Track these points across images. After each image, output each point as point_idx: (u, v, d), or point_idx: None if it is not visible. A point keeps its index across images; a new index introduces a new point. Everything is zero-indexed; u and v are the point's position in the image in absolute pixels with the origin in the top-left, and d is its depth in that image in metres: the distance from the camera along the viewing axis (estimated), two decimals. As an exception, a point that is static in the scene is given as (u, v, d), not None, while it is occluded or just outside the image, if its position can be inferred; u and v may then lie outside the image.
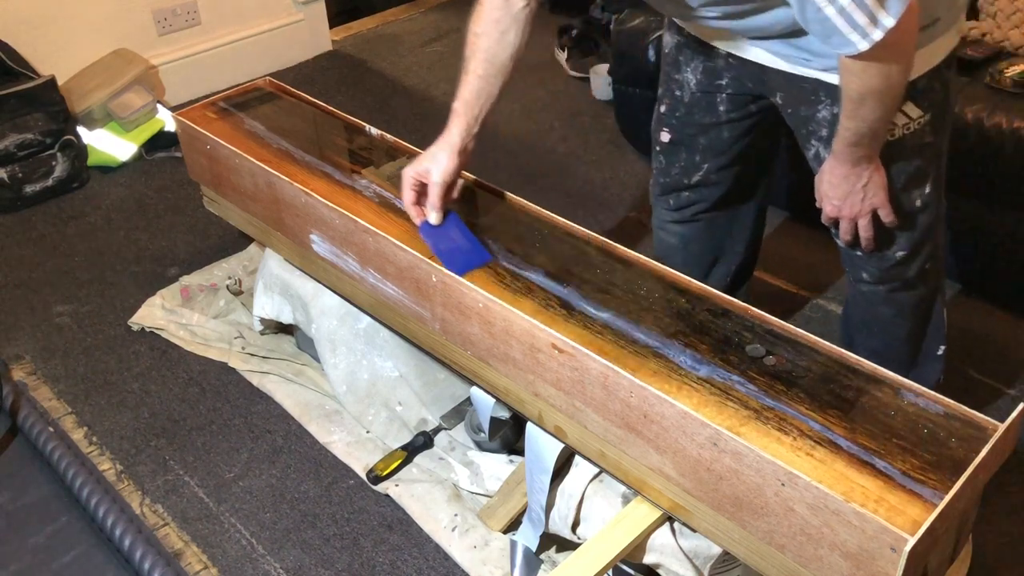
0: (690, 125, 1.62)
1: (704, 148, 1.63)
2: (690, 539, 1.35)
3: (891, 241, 1.49)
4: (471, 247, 1.51)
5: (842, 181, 1.38)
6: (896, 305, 1.60)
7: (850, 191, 1.39)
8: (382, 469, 1.77)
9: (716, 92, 1.56)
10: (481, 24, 1.46)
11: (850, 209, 1.41)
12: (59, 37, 2.89)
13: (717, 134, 1.61)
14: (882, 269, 1.53)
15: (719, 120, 1.59)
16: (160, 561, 1.58)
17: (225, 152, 1.85)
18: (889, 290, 1.57)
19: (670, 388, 1.23)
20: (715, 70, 1.54)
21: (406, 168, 1.51)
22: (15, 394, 1.95)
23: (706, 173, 1.66)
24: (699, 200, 1.71)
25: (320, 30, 3.55)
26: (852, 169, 1.36)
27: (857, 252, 1.51)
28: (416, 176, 1.49)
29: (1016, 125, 2.01)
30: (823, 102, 1.40)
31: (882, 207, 1.41)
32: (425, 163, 1.48)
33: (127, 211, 2.64)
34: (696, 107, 1.59)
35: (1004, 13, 2.29)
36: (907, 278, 1.55)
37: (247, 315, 2.16)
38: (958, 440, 1.15)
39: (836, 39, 1.14)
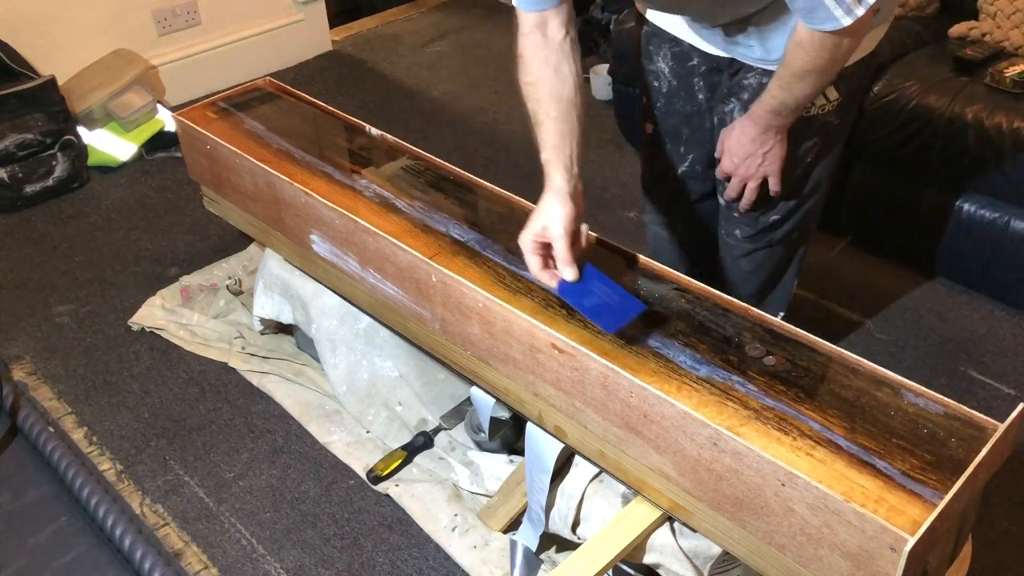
0: (672, 115, 1.64)
1: (688, 138, 1.65)
2: (690, 539, 1.35)
3: (770, 206, 1.58)
4: (620, 298, 1.33)
5: (749, 142, 1.45)
6: (755, 262, 1.69)
7: (752, 153, 1.46)
8: (382, 469, 1.77)
9: (691, 76, 1.57)
10: (533, 72, 1.38)
11: (746, 170, 1.49)
12: (59, 37, 2.89)
13: (699, 122, 1.62)
14: (755, 229, 1.63)
15: (700, 108, 1.60)
16: (160, 561, 1.58)
17: (225, 152, 1.85)
18: (753, 248, 1.66)
19: (670, 388, 1.23)
20: (684, 53, 1.57)
21: (521, 234, 1.34)
22: (15, 394, 1.95)
23: (691, 164, 1.67)
24: (686, 191, 1.72)
25: (320, 30, 3.55)
26: (761, 134, 1.43)
27: (735, 212, 1.60)
28: (535, 238, 1.32)
29: (1016, 125, 2.02)
30: (754, 71, 1.48)
31: (773, 176, 1.49)
32: (540, 220, 1.32)
33: (127, 211, 2.65)
34: (675, 96, 1.61)
35: (1004, 13, 2.29)
36: (772, 240, 1.65)
37: (247, 315, 2.16)
38: (958, 440, 1.15)
39: (821, 13, 1.21)
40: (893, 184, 2.25)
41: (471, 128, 3.01)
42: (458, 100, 3.19)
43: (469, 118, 3.07)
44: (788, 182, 1.53)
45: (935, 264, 2.28)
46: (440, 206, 1.65)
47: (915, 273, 2.31)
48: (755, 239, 1.64)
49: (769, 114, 1.40)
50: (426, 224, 1.60)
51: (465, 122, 3.04)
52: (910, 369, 2.02)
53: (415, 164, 1.80)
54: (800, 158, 1.52)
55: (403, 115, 3.11)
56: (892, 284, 2.29)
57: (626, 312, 1.31)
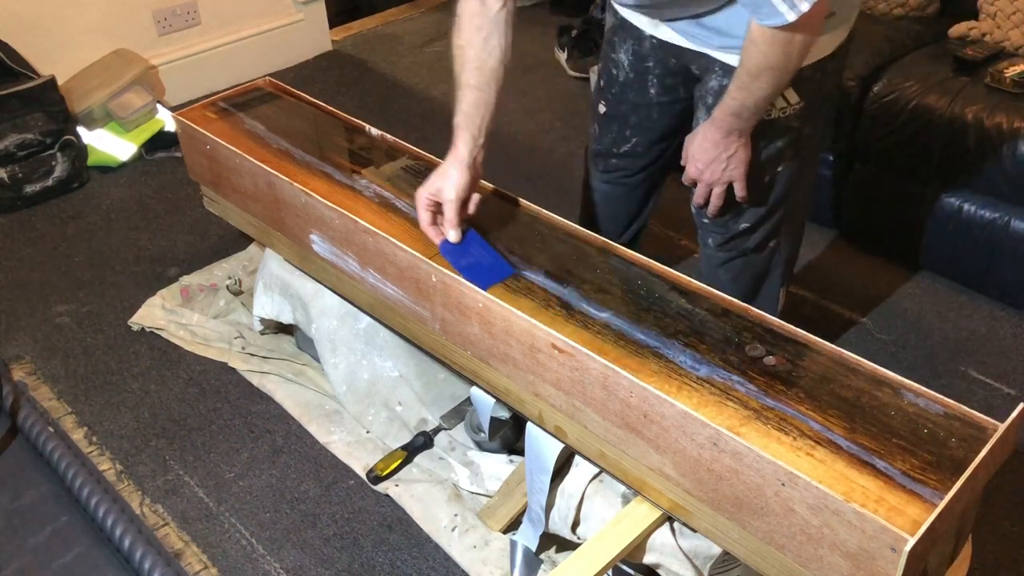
0: (623, 102, 1.70)
1: (635, 125, 1.71)
2: (690, 539, 1.35)
3: (738, 213, 1.60)
4: (493, 262, 1.48)
5: (711, 147, 1.47)
6: (732, 271, 1.70)
7: (715, 158, 1.47)
8: (382, 469, 1.77)
9: (647, 74, 1.63)
10: (463, 35, 1.45)
11: (710, 175, 1.50)
12: (59, 37, 2.89)
13: (647, 114, 1.68)
14: (725, 237, 1.64)
15: (650, 102, 1.67)
16: (160, 561, 1.58)
17: (225, 152, 1.85)
18: (728, 257, 1.68)
19: (670, 388, 1.23)
20: (643, 54, 1.62)
21: (419, 189, 1.48)
22: (15, 394, 1.95)
23: (633, 146, 1.74)
24: (624, 167, 1.79)
25: (320, 30, 3.55)
26: (723, 138, 1.45)
27: (705, 219, 1.63)
28: (429, 196, 1.46)
29: (1016, 125, 2.02)
30: (715, 73, 1.50)
31: (738, 181, 1.51)
32: (437, 182, 1.46)
33: (127, 211, 2.64)
34: (629, 87, 1.67)
35: (1004, 13, 2.29)
36: (745, 249, 1.65)
37: (247, 315, 2.16)
38: (958, 440, 1.15)
39: (766, 9, 1.23)
40: (893, 184, 2.25)
41: (471, 128, 3.01)
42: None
43: (469, 118, 3.07)
44: (754, 189, 1.54)
45: (935, 264, 2.28)
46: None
47: (915, 273, 2.31)
48: (727, 248, 1.66)
49: (730, 117, 1.41)
50: (426, 224, 1.60)
51: (465, 122, 3.04)
52: (910, 369, 2.02)
53: (415, 164, 1.80)
54: (764, 164, 1.53)
55: (403, 115, 3.11)
56: (892, 284, 2.29)
57: (497, 274, 1.46)
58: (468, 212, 1.49)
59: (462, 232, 1.47)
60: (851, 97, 2.23)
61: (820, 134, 1.60)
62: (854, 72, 2.24)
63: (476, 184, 1.48)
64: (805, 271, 2.34)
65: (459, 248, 1.48)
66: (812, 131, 1.55)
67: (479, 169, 1.47)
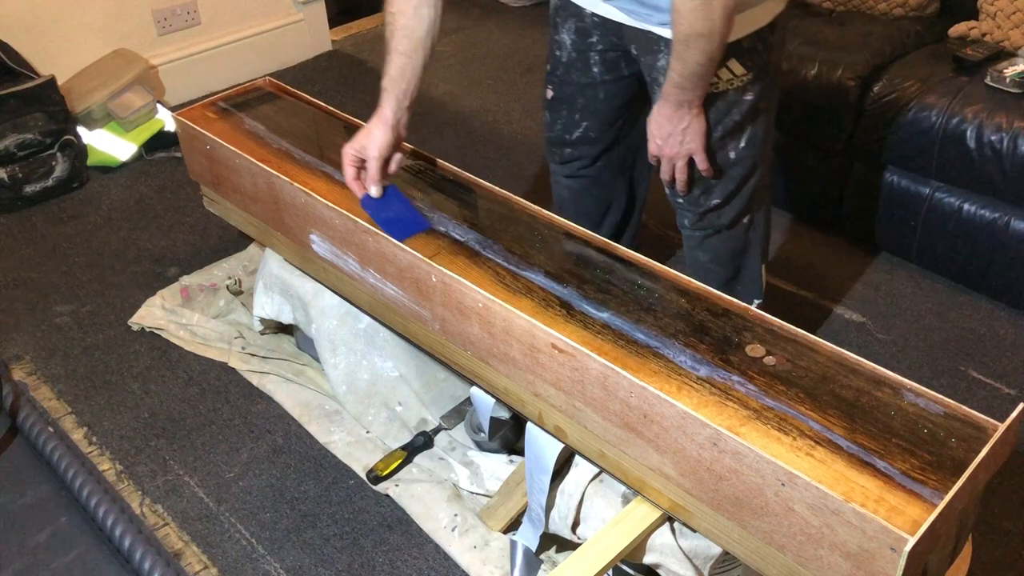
0: (569, 84, 1.72)
1: (582, 107, 1.73)
2: (690, 539, 1.35)
3: (707, 190, 1.62)
4: (410, 216, 1.59)
5: (666, 121, 1.50)
6: (710, 251, 1.72)
7: (672, 132, 1.51)
8: (382, 469, 1.77)
9: (589, 51, 1.66)
10: (396, 4, 1.54)
11: (670, 149, 1.54)
12: (59, 37, 2.89)
13: (593, 94, 1.71)
14: (698, 216, 1.67)
15: (594, 81, 1.69)
16: (160, 561, 1.58)
17: (225, 152, 1.85)
18: (704, 236, 1.70)
19: (670, 388, 1.23)
20: (586, 29, 1.64)
21: (345, 145, 1.58)
22: (15, 394, 1.95)
23: (585, 131, 1.76)
24: (581, 156, 1.81)
25: (320, 30, 3.55)
26: (675, 112, 1.48)
27: (678, 199, 1.65)
28: (354, 152, 1.57)
29: (1016, 125, 2.02)
30: (662, 51, 1.52)
31: (697, 153, 1.54)
32: (361, 140, 1.57)
33: (127, 211, 2.65)
34: (573, 67, 1.70)
35: (1004, 13, 2.29)
36: (719, 226, 1.68)
37: (247, 315, 2.16)
38: (958, 440, 1.15)
39: None
40: (893, 184, 2.25)
41: (471, 128, 3.01)
42: (458, 100, 3.19)
43: (469, 118, 3.07)
44: (719, 163, 1.58)
45: (935, 264, 2.28)
46: (440, 206, 1.66)
47: (915, 273, 2.31)
48: (702, 226, 1.69)
49: (675, 89, 1.45)
50: (426, 224, 1.60)
51: (465, 122, 3.04)
52: (910, 369, 2.02)
53: (415, 164, 1.80)
54: (724, 137, 1.57)
55: (403, 115, 3.11)
56: (892, 284, 2.29)
57: (413, 228, 1.57)
58: (390, 170, 1.60)
59: (383, 188, 1.58)
60: (851, 97, 2.23)
61: (772, 109, 1.63)
62: (854, 72, 2.24)
63: (398, 145, 1.59)
64: (805, 271, 2.34)
65: (379, 202, 1.58)
66: (765, 104, 1.58)
67: (402, 131, 1.59)
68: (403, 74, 1.55)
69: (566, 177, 1.87)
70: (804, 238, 2.46)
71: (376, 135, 1.56)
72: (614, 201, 1.89)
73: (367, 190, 1.58)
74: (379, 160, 1.56)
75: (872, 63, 2.27)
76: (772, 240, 2.44)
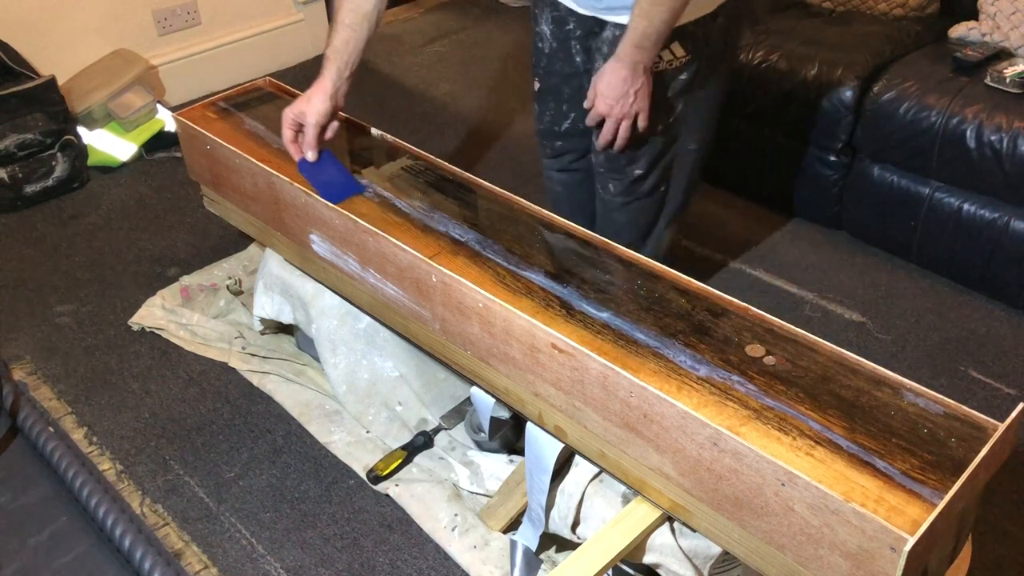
0: (554, 74, 1.78)
1: (569, 97, 1.79)
2: (690, 539, 1.35)
3: (632, 160, 1.70)
4: (345, 180, 1.69)
5: (620, 83, 1.55)
6: (628, 214, 1.81)
7: (624, 93, 1.56)
8: (382, 469, 1.77)
9: (569, 40, 1.71)
10: None
11: (620, 110, 1.58)
12: (59, 37, 2.89)
13: (579, 84, 1.75)
14: (624, 184, 1.76)
15: (577, 70, 1.74)
16: (160, 561, 1.58)
17: (225, 152, 1.85)
18: (625, 202, 1.79)
19: (670, 388, 1.23)
20: (562, 18, 1.70)
21: (285, 109, 1.66)
22: (15, 394, 1.95)
23: (574, 122, 1.82)
24: (572, 149, 1.87)
25: (320, 30, 3.55)
26: (631, 73, 1.53)
27: (600, 169, 1.75)
28: (293, 117, 1.66)
29: (1016, 125, 2.02)
30: (608, 25, 1.62)
31: (643, 112, 1.59)
32: (301, 106, 1.65)
33: (127, 211, 2.65)
34: (555, 58, 1.76)
35: (1004, 13, 2.29)
36: (640, 193, 1.77)
37: (247, 315, 2.16)
38: (958, 440, 1.15)
39: None
40: (893, 184, 2.25)
41: (471, 128, 3.01)
42: (458, 100, 3.19)
43: (469, 118, 3.07)
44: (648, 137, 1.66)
45: (935, 264, 2.28)
46: (440, 206, 1.66)
47: (915, 273, 2.31)
48: (626, 193, 1.77)
49: (634, 49, 1.50)
50: (426, 224, 1.60)
51: (465, 122, 3.04)
52: (910, 369, 2.02)
53: (415, 164, 1.80)
54: (656, 113, 1.63)
55: (403, 115, 3.11)
56: (892, 284, 2.29)
57: (347, 191, 1.67)
58: (326, 137, 1.69)
59: (318, 153, 1.67)
60: (851, 97, 2.23)
61: (714, 96, 1.71)
62: (854, 72, 2.24)
63: (336, 113, 1.68)
64: (805, 271, 2.34)
65: (315, 166, 1.68)
66: (703, 89, 1.66)
67: (340, 100, 1.67)
68: (347, 46, 1.64)
69: (558, 171, 1.93)
70: (804, 238, 2.46)
71: (315, 103, 1.64)
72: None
73: (303, 154, 1.67)
74: (316, 127, 1.65)
75: (872, 63, 2.27)
76: (772, 240, 2.45)
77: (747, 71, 2.40)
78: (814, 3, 2.67)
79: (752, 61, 2.39)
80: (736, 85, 2.42)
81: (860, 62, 2.26)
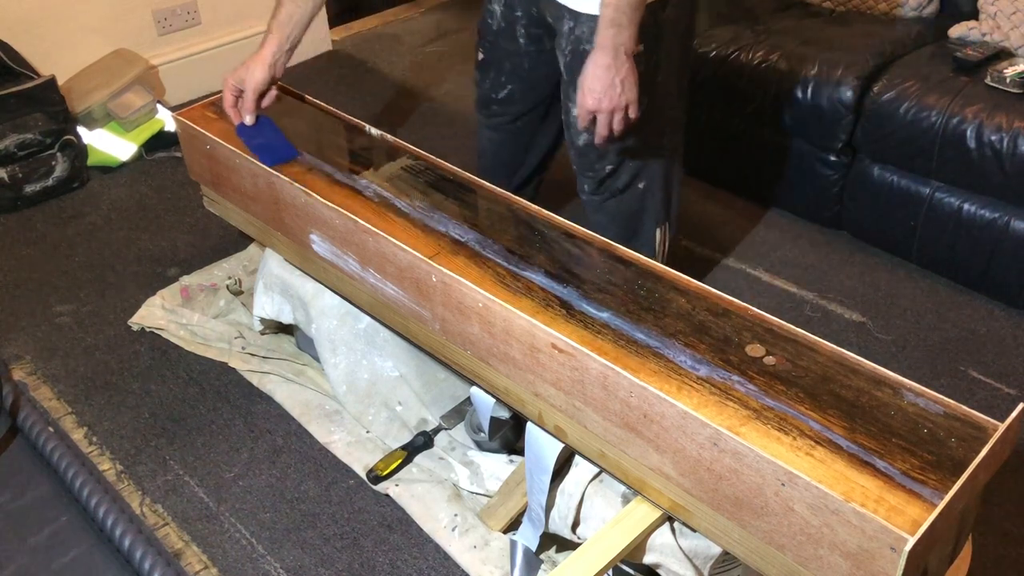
0: (498, 49, 1.90)
1: (509, 71, 1.91)
2: (690, 539, 1.35)
3: (601, 156, 1.75)
4: (280, 145, 1.80)
5: (604, 72, 1.53)
6: (607, 214, 1.86)
7: (610, 83, 1.54)
8: (382, 469, 1.77)
9: (515, 23, 1.83)
10: None
11: (609, 102, 1.55)
12: (59, 37, 2.89)
13: (519, 62, 1.88)
14: (596, 181, 1.81)
15: (520, 50, 1.86)
16: (160, 561, 1.58)
17: (225, 152, 1.85)
18: (602, 200, 1.84)
19: (670, 388, 1.23)
20: (511, 3, 1.81)
21: (225, 76, 1.80)
22: (15, 394, 1.95)
23: (509, 93, 1.94)
24: (504, 113, 1.99)
25: (320, 30, 3.55)
26: (613, 60, 1.52)
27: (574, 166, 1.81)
28: (234, 83, 1.79)
29: (1016, 125, 2.02)
30: (565, 18, 1.66)
31: (633, 103, 1.58)
32: (241, 74, 1.78)
33: (127, 211, 2.65)
34: (502, 35, 1.87)
35: (1004, 13, 2.29)
36: (615, 189, 1.82)
37: (247, 315, 2.16)
38: (958, 440, 1.15)
39: None
40: (893, 184, 2.25)
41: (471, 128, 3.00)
42: (458, 100, 3.19)
43: (469, 118, 3.06)
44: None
45: (935, 264, 2.28)
46: (440, 206, 1.66)
47: (915, 273, 2.31)
48: (600, 191, 1.83)
49: (611, 29, 1.50)
50: (426, 224, 1.60)
51: (465, 122, 3.04)
52: (910, 369, 2.02)
53: (415, 164, 1.80)
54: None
55: (403, 115, 3.11)
56: (892, 284, 2.29)
57: (282, 155, 1.78)
58: (264, 104, 1.82)
59: (256, 118, 1.81)
60: (851, 97, 2.23)
61: (673, 85, 1.75)
62: (854, 72, 2.24)
63: (274, 82, 1.80)
64: (805, 271, 2.34)
65: (253, 130, 1.81)
66: (660, 78, 1.70)
67: (279, 71, 1.79)
68: (290, 20, 1.74)
69: (489, 129, 2.05)
70: (804, 238, 2.46)
71: (254, 71, 1.76)
72: (528, 156, 2.07)
73: (242, 118, 1.81)
74: (254, 93, 1.78)
75: (872, 63, 2.27)
76: (772, 240, 2.45)
77: (747, 71, 2.40)
78: (814, 3, 2.67)
79: (752, 61, 2.39)
80: (736, 85, 2.42)
81: (860, 62, 2.26)
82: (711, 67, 2.46)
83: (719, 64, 2.45)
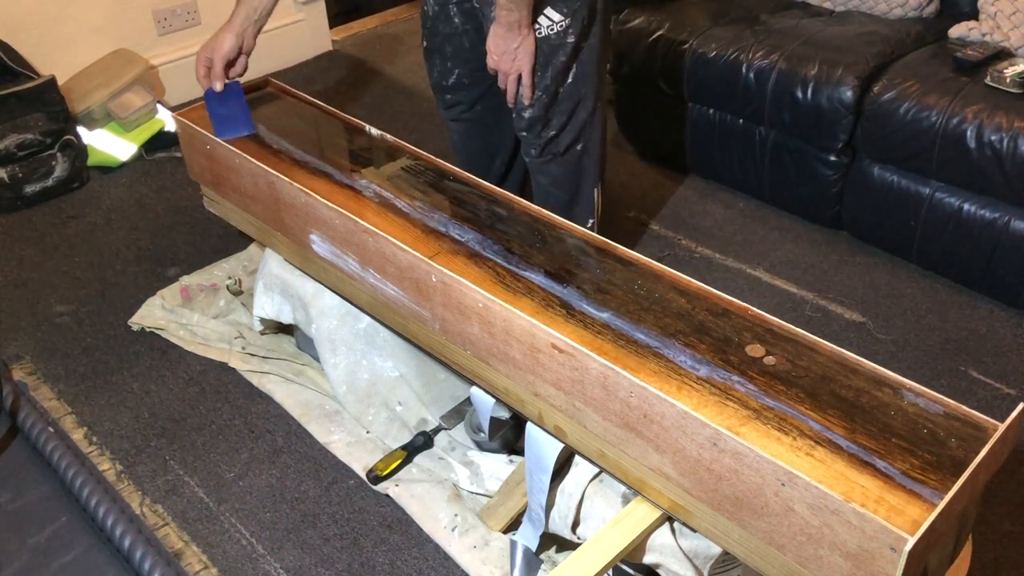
0: (437, 34, 1.97)
1: (452, 55, 1.98)
2: (690, 539, 1.35)
3: (546, 123, 1.87)
4: (240, 118, 1.88)
5: (501, 41, 1.74)
6: (550, 175, 1.97)
7: (506, 50, 1.75)
8: (382, 469, 1.77)
9: (448, 4, 1.91)
10: None
11: (505, 65, 1.77)
12: (59, 37, 2.89)
13: (459, 43, 1.95)
14: (541, 145, 1.92)
15: (457, 31, 1.94)
16: (160, 561, 1.58)
17: (225, 152, 1.85)
18: (544, 162, 1.95)
19: (670, 388, 1.23)
20: None
21: (198, 50, 1.88)
22: (15, 394, 1.95)
23: (458, 77, 2.01)
24: (460, 101, 2.06)
25: (320, 30, 3.55)
26: (508, 32, 1.72)
27: (521, 135, 1.91)
28: (206, 53, 1.88)
29: (1016, 125, 2.02)
30: None
31: (526, 72, 1.78)
32: (212, 43, 1.89)
33: (127, 211, 2.65)
34: (438, 19, 1.94)
35: (1004, 13, 2.29)
36: (556, 152, 1.93)
37: (247, 315, 2.16)
38: (958, 440, 1.15)
39: None
40: (893, 184, 2.25)
41: (471, 128, 3.01)
42: (458, 100, 3.19)
43: (469, 118, 3.07)
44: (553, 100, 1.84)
45: (935, 264, 2.28)
46: (440, 206, 1.66)
47: (915, 273, 2.31)
48: (544, 155, 1.93)
49: (504, 11, 1.68)
50: (426, 224, 1.60)
51: (465, 122, 3.04)
52: (910, 369, 2.02)
53: (415, 164, 1.80)
54: (555, 76, 1.81)
55: (403, 115, 3.11)
56: (892, 284, 2.29)
57: (236, 130, 1.87)
58: (233, 71, 1.91)
59: (225, 86, 1.89)
60: (851, 97, 2.23)
61: (597, 52, 1.85)
62: (854, 72, 2.24)
63: (243, 50, 1.90)
64: (805, 271, 2.34)
65: (219, 97, 1.89)
66: (588, 50, 1.82)
67: (249, 41, 1.91)
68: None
69: (452, 121, 2.10)
70: (804, 238, 2.46)
71: (223, 39, 1.87)
72: (501, 144, 2.12)
73: (211, 85, 1.88)
74: (222, 61, 1.87)
75: (872, 63, 2.27)
76: (772, 240, 2.45)
77: (747, 71, 2.40)
78: (814, 3, 2.67)
79: (752, 61, 2.39)
80: (736, 85, 2.42)
81: (860, 62, 2.26)
82: (711, 67, 2.46)
83: (719, 64, 2.45)
